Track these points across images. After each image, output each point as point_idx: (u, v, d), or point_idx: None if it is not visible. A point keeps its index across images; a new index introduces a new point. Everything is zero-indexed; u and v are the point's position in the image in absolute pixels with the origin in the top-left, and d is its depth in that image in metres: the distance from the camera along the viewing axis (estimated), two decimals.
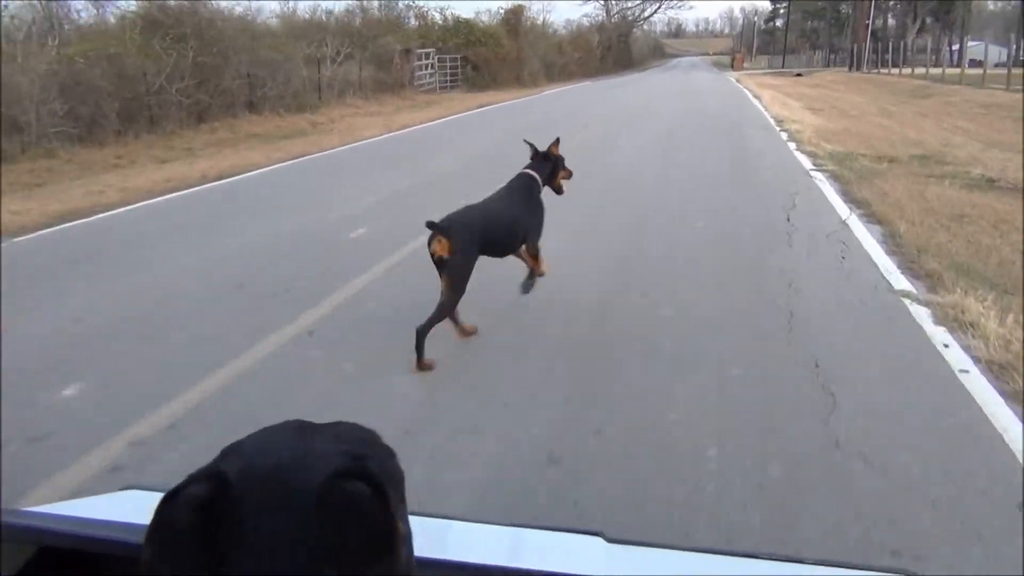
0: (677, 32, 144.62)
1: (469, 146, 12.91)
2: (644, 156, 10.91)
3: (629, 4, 73.73)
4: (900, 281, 4.86)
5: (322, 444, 0.63)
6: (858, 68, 45.96)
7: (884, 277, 4.95)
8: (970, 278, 4.91)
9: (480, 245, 3.91)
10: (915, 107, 20.50)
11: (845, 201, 7.40)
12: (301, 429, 0.66)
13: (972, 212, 7.17)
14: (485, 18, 40.69)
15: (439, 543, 1.10)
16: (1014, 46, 58.37)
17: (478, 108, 21.85)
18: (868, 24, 46.22)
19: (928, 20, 61.01)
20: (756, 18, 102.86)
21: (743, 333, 4.03)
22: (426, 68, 31.56)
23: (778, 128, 14.03)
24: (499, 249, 4.17)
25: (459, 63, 34.74)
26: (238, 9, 28.80)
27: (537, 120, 18.15)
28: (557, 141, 4.62)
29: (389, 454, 0.67)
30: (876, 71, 42.41)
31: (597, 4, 71.99)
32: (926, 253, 5.49)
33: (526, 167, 4.48)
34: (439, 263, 3.76)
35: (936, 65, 38.10)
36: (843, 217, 6.68)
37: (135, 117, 15.54)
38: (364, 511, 0.58)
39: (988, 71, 29.25)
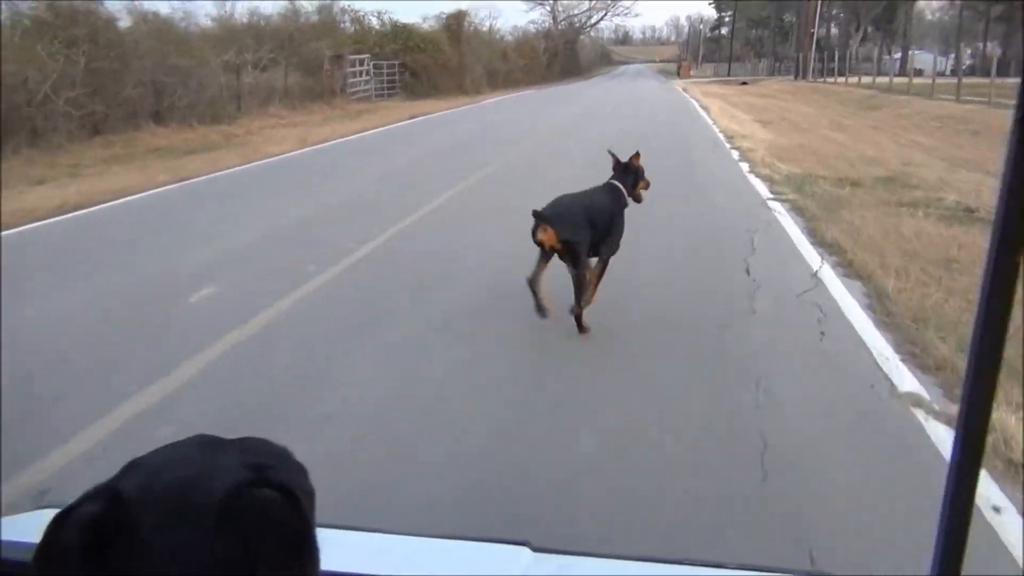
0: (624, 39, 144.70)
1: (385, 165, 11.48)
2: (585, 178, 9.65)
3: (575, 11, 73.19)
4: (903, 376, 3.60)
5: (226, 458, 0.61)
6: (804, 77, 45.68)
7: (881, 368, 3.69)
8: None
9: (586, 224, 4.06)
10: (867, 119, 19.68)
11: (813, 243, 6.17)
12: (207, 444, 0.64)
13: (961, 255, 6.01)
14: (433, 23, 39.39)
15: (365, 557, 1.11)
16: (952, 55, 59.05)
17: (410, 119, 20.39)
18: (813, 32, 46.02)
19: (870, 29, 61.41)
20: (702, 26, 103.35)
21: (699, 485, 2.71)
22: (360, 75, 29.95)
23: (728, 145, 12.86)
24: (596, 237, 4.19)
25: (396, 70, 33.24)
26: (164, 10, 26.91)
27: (470, 132, 16.82)
28: (638, 154, 4.61)
29: (300, 470, 0.65)
30: (822, 80, 42.12)
31: (544, 10, 71.03)
32: (925, 324, 4.27)
33: (611, 178, 4.52)
34: (551, 251, 4.00)
35: (879, 74, 37.82)
36: (814, 268, 5.44)
37: (15, 130, 13.78)
38: (274, 517, 0.57)
39: (917, 80, 28.85)
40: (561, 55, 63.86)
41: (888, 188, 9.15)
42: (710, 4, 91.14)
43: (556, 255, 4.08)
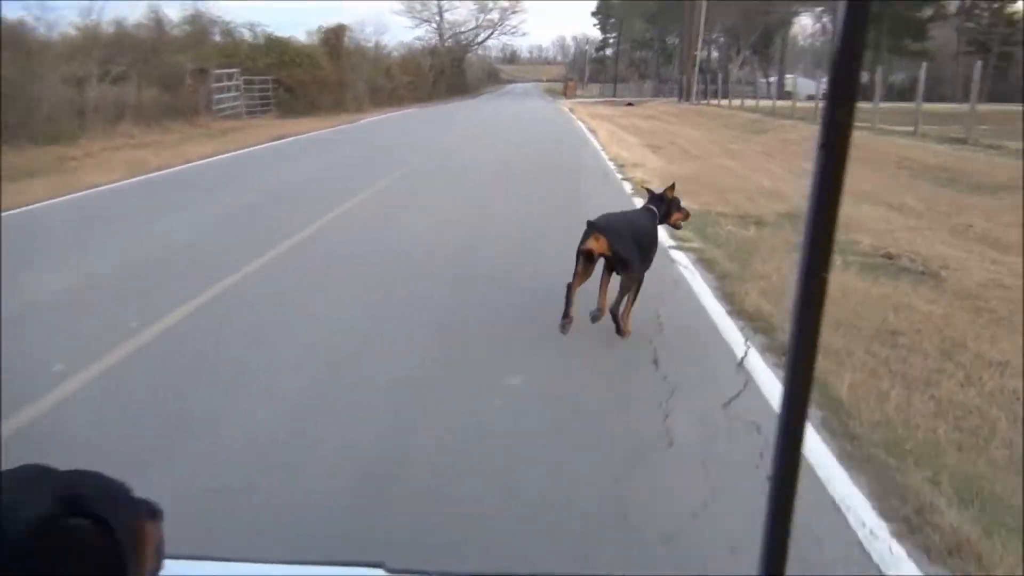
0: (512, 58, 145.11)
1: (223, 203, 9.83)
2: (450, 235, 8.32)
3: (462, 28, 72.59)
4: (902, 567, 2.39)
5: (41, 490, 0.60)
6: (687, 99, 46.14)
7: (868, 552, 2.46)
8: (1015, 533, 2.54)
9: (631, 238, 4.35)
10: (755, 144, 19.21)
11: (730, 313, 5.00)
12: (29, 476, 0.63)
13: (901, 322, 4.99)
14: (314, 38, 37.63)
15: None
16: (825, 79, 61.23)
17: (274, 140, 18.59)
18: (696, 55, 46.60)
19: (748, 53, 63.14)
20: (587, 46, 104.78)
21: None
22: (229, 91, 27.83)
23: (620, 175, 11.78)
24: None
25: (270, 85, 31.26)
26: (15, 15, 24.08)
27: (341, 157, 15.25)
28: (672, 186, 4.95)
29: (129, 503, 0.65)
30: (705, 102, 42.53)
31: (430, 27, 69.88)
32: (902, 455, 3.11)
33: (647, 203, 4.92)
34: (598, 258, 4.27)
35: (759, 97, 38.41)
36: (738, 355, 4.23)
37: None
38: (85, 545, 0.58)
39: (800, 104, 29.12)
40: (448, 72, 62.98)
41: (795, 227, 8.22)
42: (595, 25, 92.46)
43: (605, 264, 4.39)
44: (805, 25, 71.67)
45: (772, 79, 57.17)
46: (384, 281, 5.92)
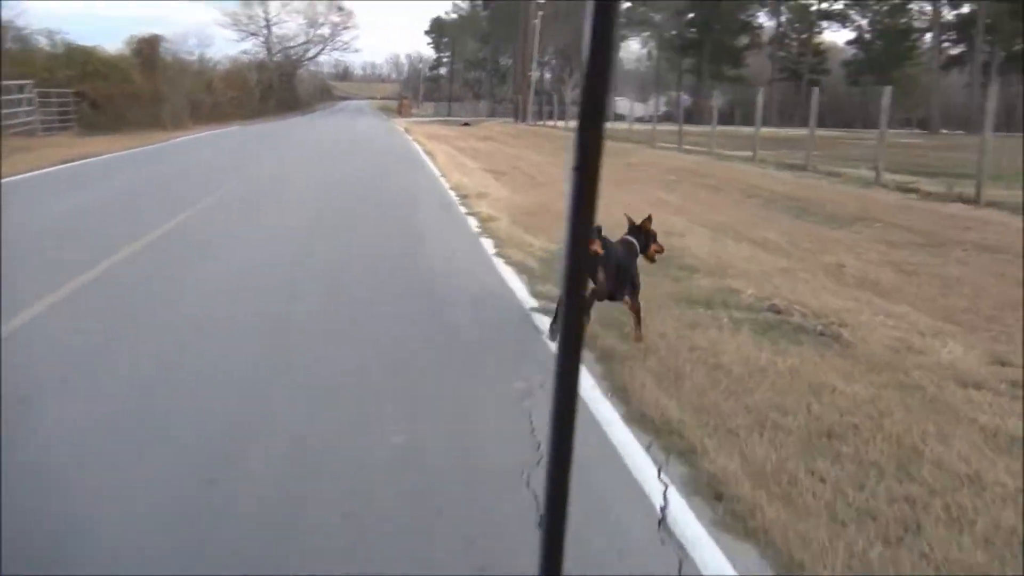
0: (345, 75, 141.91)
1: None
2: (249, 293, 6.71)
3: (291, 43, 69.88)
4: None
5: None
6: (523, 119, 45.98)
7: None
8: None
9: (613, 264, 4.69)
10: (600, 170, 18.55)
11: (626, 417, 3.75)
12: None
13: (830, 414, 3.99)
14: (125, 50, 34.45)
15: None
16: (651, 101, 63.39)
17: (66, 163, 15.99)
18: (531, 76, 46.60)
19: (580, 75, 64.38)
20: (421, 65, 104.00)
21: None
22: (20, 104, 24.63)
23: (463, 208, 10.46)
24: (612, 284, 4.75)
25: (71, 99, 28.06)
26: None
27: (133, 186, 13.10)
28: (649, 218, 5.21)
29: None
30: (541, 122, 42.46)
31: (257, 40, 66.61)
32: None
33: (626, 234, 5.10)
34: (594, 259, 4.43)
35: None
36: (656, 504, 2.95)
37: None
38: None
39: (635, 126, 29.38)
40: (277, 88, 60.35)
41: (667, 273, 7.23)
42: (429, 44, 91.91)
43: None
44: (633, 50, 74.07)
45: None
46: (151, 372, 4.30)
